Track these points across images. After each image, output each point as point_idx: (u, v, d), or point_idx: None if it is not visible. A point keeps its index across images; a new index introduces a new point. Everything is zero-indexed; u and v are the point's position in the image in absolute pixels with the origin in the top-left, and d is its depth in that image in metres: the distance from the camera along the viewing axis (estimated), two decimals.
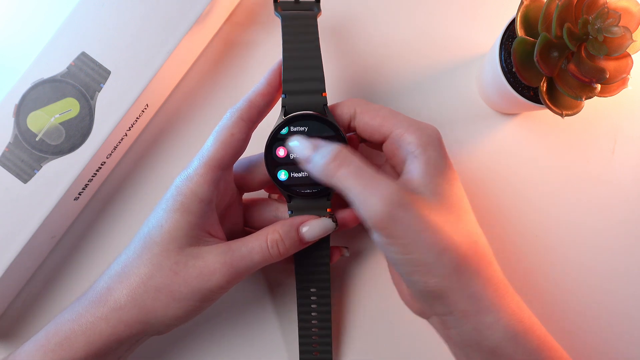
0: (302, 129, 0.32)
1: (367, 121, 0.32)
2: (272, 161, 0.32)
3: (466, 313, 0.29)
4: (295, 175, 0.32)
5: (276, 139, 0.32)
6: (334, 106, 0.33)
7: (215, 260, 0.30)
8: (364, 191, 0.28)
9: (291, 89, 0.32)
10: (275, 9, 0.35)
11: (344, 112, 0.33)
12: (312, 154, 0.30)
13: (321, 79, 0.32)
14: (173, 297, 0.30)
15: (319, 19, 0.35)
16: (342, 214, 0.34)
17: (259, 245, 0.31)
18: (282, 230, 0.31)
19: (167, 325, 0.31)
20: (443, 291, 0.29)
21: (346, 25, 0.41)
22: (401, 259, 0.29)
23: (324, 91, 0.32)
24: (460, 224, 0.30)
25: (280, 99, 0.33)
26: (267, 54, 0.41)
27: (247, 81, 0.41)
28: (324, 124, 0.32)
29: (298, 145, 0.31)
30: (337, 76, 0.41)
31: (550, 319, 0.32)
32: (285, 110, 0.32)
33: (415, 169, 0.30)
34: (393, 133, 0.31)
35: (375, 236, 0.29)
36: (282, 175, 0.32)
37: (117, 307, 0.30)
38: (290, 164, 0.32)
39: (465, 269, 0.28)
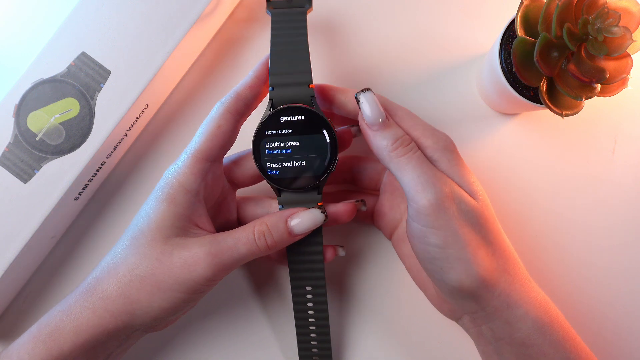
0: (293, 118, 0.32)
1: None
2: (260, 155, 0.32)
3: (497, 308, 0.30)
4: (284, 166, 0.32)
5: (263, 130, 0.32)
6: (340, 91, 0.33)
7: (200, 250, 0.30)
8: (422, 177, 0.29)
9: (278, 82, 0.32)
10: (267, 7, 0.35)
11: (349, 102, 0.33)
12: (381, 124, 0.31)
13: (308, 71, 0.32)
14: (158, 287, 0.30)
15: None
16: (334, 208, 0.33)
17: (246, 236, 0.31)
18: (270, 221, 0.31)
19: (153, 317, 0.30)
20: (475, 291, 0.30)
21: (346, 26, 0.41)
22: (438, 252, 0.29)
23: (311, 83, 0.32)
24: (494, 223, 0.31)
25: (268, 92, 0.33)
26: (267, 54, 0.41)
27: None
28: (312, 116, 0.32)
29: (371, 105, 0.31)
30: (337, 77, 0.41)
31: None
32: (273, 103, 0.32)
33: (442, 172, 0.31)
34: (409, 135, 0.31)
35: (415, 227, 0.30)
36: (271, 168, 0.32)
37: (104, 296, 0.30)
38: (278, 155, 0.32)
39: (495, 267, 0.30)
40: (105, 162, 0.38)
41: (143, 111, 0.38)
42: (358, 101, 0.31)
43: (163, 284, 0.30)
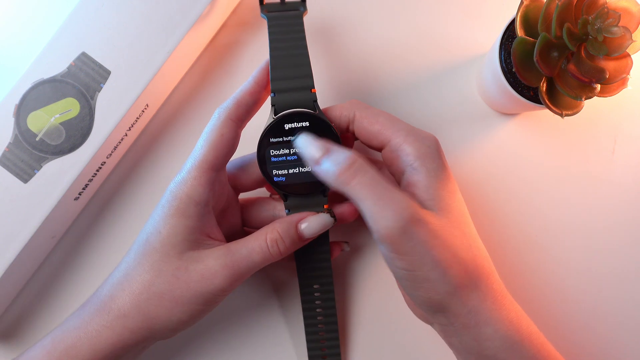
0: (296, 125, 0.32)
1: (366, 126, 0.32)
2: (265, 162, 0.32)
3: (466, 325, 0.29)
4: (290, 173, 0.32)
5: (267, 138, 0.32)
6: (332, 108, 0.33)
7: (216, 263, 0.30)
8: (378, 203, 0.27)
9: (280, 87, 0.32)
10: (262, 11, 0.35)
11: (343, 115, 0.32)
12: (322, 156, 0.29)
13: (309, 76, 0.32)
14: (176, 302, 0.30)
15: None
16: (340, 209, 0.34)
17: (259, 245, 0.31)
18: (281, 228, 0.31)
19: (172, 330, 0.31)
20: (445, 306, 0.29)
21: (345, 27, 0.41)
22: (406, 274, 0.29)
23: (313, 87, 0.32)
24: (464, 239, 0.30)
25: (270, 97, 0.33)
26: (267, 54, 0.41)
27: None
28: (316, 121, 0.32)
29: (306, 145, 0.29)
30: (337, 77, 0.41)
31: (549, 319, 0.32)
32: (275, 109, 0.32)
33: (417, 182, 0.30)
34: (391, 142, 0.31)
35: (382, 249, 0.29)
36: (277, 175, 0.32)
37: (121, 314, 0.30)
38: (284, 162, 0.32)
39: (467, 284, 0.29)
40: (105, 162, 0.38)
41: (143, 111, 0.38)
42: (296, 148, 0.30)
43: (181, 298, 0.30)
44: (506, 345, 0.29)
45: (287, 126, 0.32)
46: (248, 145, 0.35)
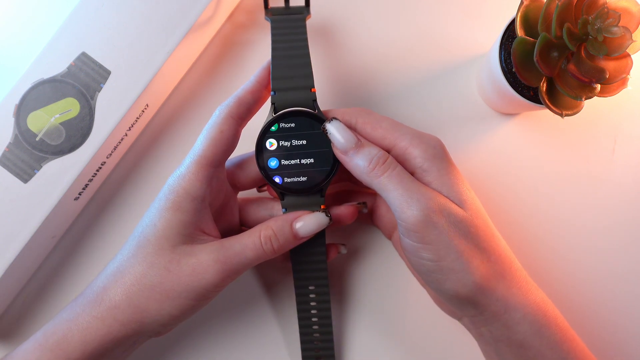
0: (291, 125, 0.32)
1: (369, 132, 0.32)
2: (263, 158, 0.32)
3: (496, 313, 0.30)
4: (288, 171, 0.32)
5: (266, 136, 0.32)
6: (334, 112, 0.33)
7: (208, 257, 0.30)
8: (405, 194, 0.29)
9: (280, 86, 0.33)
10: (266, 14, 0.35)
11: (344, 120, 0.33)
12: (352, 148, 0.31)
13: (309, 75, 0.33)
14: (167, 295, 0.30)
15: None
16: (336, 211, 0.34)
17: (252, 241, 0.31)
18: (275, 226, 0.31)
19: (162, 324, 0.31)
20: (473, 298, 0.30)
21: (346, 27, 0.41)
22: (432, 265, 0.29)
23: (313, 87, 0.33)
24: (486, 230, 0.31)
25: (270, 96, 0.33)
26: (266, 55, 0.41)
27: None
28: (314, 120, 0.32)
29: (338, 132, 0.31)
30: (337, 78, 0.41)
31: None
32: (275, 107, 0.33)
33: (431, 182, 0.31)
34: (397, 146, 0.31)
35: (407, 242, 0.30)
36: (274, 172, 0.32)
37: (112, 306, 0.30)
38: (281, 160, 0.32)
39: (491, 274, 0.30)
40: (105, 162, 0.38)
41: (143, 111, 0.38)
42: (326, 132, 0.31)
43: (172, 292, 0.30)
44: (534, 330, 0.30)
45: (285, 125, 0.32)
46: (248, 143, 0.35)
